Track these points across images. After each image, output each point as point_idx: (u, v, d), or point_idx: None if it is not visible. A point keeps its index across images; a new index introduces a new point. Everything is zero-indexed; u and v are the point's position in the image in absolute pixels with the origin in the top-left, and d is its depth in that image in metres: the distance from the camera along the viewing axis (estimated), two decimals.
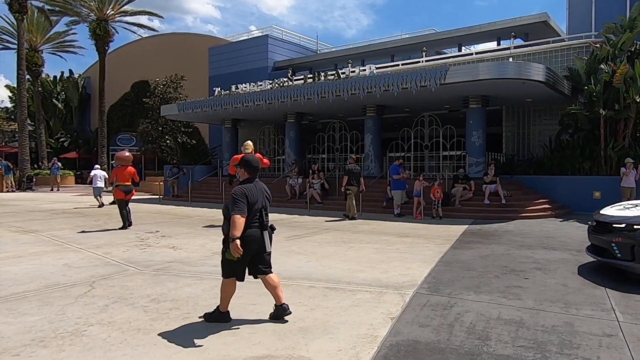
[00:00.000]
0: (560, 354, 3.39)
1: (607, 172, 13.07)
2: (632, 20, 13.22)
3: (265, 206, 4.04)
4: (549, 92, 13.42)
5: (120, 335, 3.74)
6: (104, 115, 29.03)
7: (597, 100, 13.17)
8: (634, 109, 12.87)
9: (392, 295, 4.89)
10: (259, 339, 3.66)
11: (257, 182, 4.08)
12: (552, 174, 13.80)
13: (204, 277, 5.68)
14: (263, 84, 17.76)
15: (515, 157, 15.92)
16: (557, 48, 15.82)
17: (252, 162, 4.07)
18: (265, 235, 3.98)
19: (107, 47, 29.12)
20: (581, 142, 14.00)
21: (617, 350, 3.48)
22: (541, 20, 19.51)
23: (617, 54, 13.25)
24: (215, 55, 27.17)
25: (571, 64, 14.84)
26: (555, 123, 15.33)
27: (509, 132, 16.80)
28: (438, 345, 3.56)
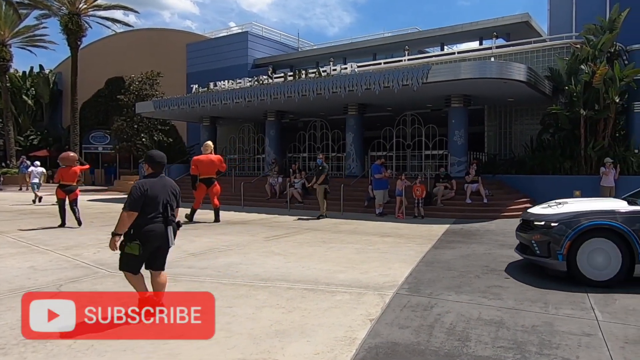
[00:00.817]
0: (540, 354, 3.42)
1: (587, 172, 13.36)
2: (612, 21, 13.53)
3: (170, 202, 4.07)
4: (531, 92, 13.65)
5: (86, 342, 3.61)
6: (76, 112, 28.39)
7: (577, 101, 13.44)
8: (613, 109, 13.18)
9: (372, 296, 4.87)
10: (234, 343, 3.59)
11: (163, 178, 4.14)
12: (534, 173, 14.04)
13: (178, 279, 5.56)
14: (242, 82, 17.59)
15: (497, 157, 16.15)
16: (538, 48, 16.09)
17: (156, 157, 4.14)
18: (170, 230, 4.00)
19: (79, 42, 28.47)
20: (562, 142, 14.27)
21: (596, 349, 3.52)
22: (523, 21, 19.85)
23: (597, 54, 13.54)
24: (193, 52, 26.86)
25: (552, 64, 15.11)
26: (536, 123, 15.60)
27: (491, 132, 17.02)
28: (418, 347, 3.55)
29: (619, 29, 13.39)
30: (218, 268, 6.18)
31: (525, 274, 5.83)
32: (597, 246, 5.33)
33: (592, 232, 5.34)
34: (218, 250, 7.49)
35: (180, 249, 7.66)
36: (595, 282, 5.26)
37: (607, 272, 5.26)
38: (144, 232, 3.85)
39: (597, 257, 5.31)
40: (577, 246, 5.34)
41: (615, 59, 13.76)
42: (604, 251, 5.29)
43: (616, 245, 5.25)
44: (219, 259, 6.82)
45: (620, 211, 5.46)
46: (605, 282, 5.23)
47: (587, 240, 5.34)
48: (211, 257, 6.98)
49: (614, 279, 5.24)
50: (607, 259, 5.27)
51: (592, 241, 5.34)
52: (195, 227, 10.47)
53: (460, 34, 21.83)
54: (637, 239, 5.19)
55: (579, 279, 5.32)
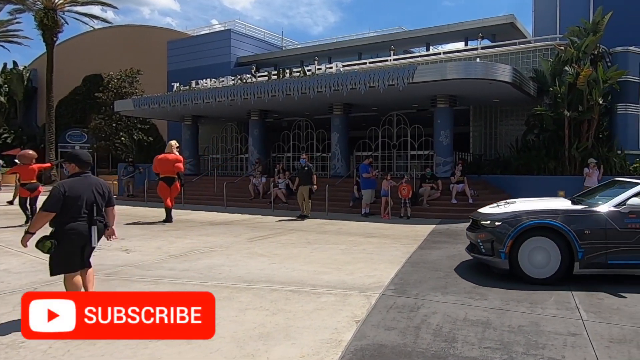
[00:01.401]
0: (526, 355, 3.45)
1: (571, 172, 13.61)
2: (596, 24, 13.80)
3: (97, 201, 4.14)
4: (516, 93, 13.84)
5: (63, 346, 3.54)
6: (52, 110, 27.84)
7: (561, 102, 13.68)
8: (596, 111, 13.45)
9: (358, 297, 4.87)
10: (217, 346, 3.54)
11: (88, 177, 4.21)
12: (519, 173, 14.24)
13: (158, 281, 5.48)
14: (225, 80, 17.45)
15: (483, 157, 16.34)
16: (523, 50, 16.33)
17: (82, 157, 4.24)
18: (93, 230, 4.08)
19: (55, 38, 27.93)
20: (546, 143, 14.51)
21: (582, 349, 3.57)
22: (508, 22, 20.14)
23: (581, 56, 13.80)
24: (174, 50, 26.57)
25: (537, 65, 15.36)
26: (521, 123, 15.82)
27: (476, 132, 17.22)
28: (404, 349, 3.55)
29: (603, 31, 13.68)
30: (200, 270, 6.11)
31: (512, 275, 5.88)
32: (537, 245, 5.50)
33: (532, 231, 5.52)
34: (200, 252, 7.40)
35: (161, 250, 7.56)
36: (536, 279, 5.44)
37: (546, 270, 5.45)
38: (66, 230, 3.95)
39: (538, 256, 5.48)
40: (519, 245, 5.51)
41: (599, 61, 14.04)
42: (544, 249, 5.47)
43: (555, 243, 5.43)
44: (201, 260, 6.74)
45: (561, 210, 5.67)
46: (545, 280, 5.41)
47: (528, 239, 5.52)
48: (193, 258, 6.89)
49: (553, 276, 5.42)
50: (547, 257, 5.46)
51: (532, 240, 5.52)
52: (176, 227, 10.34)
53: (446, 35, 22.05)
54: (576, 237, 5.37)
55: (520, 277, 5.49)
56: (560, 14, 18.86)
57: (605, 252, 5.37)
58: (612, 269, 5.42)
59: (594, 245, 5.37)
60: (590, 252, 5.37)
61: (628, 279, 5.48)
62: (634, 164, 13.47)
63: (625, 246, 5.34)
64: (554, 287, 5.24)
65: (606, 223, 5.39)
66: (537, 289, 5.18)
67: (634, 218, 5.36)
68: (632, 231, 5.33)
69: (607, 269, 5.42)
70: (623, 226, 5.35)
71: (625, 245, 5.34)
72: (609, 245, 5.36)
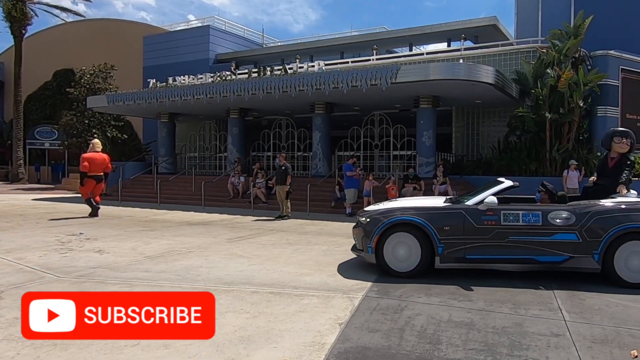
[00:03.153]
0: (510, 356, 3.49)
1: (552, 174, 13.89)
2: (577, 27, 14.14)
3: None
4: (498, 94, 14.08)
5: (32, 352, 3.43)
6: (20, 106, 27.16)
7: (543, 104, 13.97)
8: (577, 113, 13.78)
9: (341, 299, 4.86)
10: (196, 351, 3.48)
11: None
12: (500, 174, 14.35)
13: (133, 283, 5.37)
14: (204, 77, 17.30)
15: (465, 158, 16.57)
16: (505, 51, 16.63)
17: None
18: None
19: (24, 31, 27.27)
20: (528, 144, 14.79)
21: (565, 349, 3.63)
22: (491, 24, 20.49)
23: (562, 59, 14.12)
24: (150, 45, 26.20)
25: (519, 67, 15.66)
26: (503, 125, 16.10)
27: (458, 133, 17.45)
28: (389, 351, 3.55)
29: (584, 34, 14.02)
30: (177, 271, 6.01)
31: (494, 275, 5.97)
32: (400, 240, 5.91)
33: (396, 227, 5.93)
34: (177, 253, 7.29)
35: (136, 251, 7.42)
36: (399, 272, 5.85)
37: (408, 264, 5.86)
38: None
39: (400, 250, 5.90)
40: (384, 240, 5.92)
41: (580, 64, 14.39)
42: (406, 244, 5.88)
43: (416, 239, 5.83)
44: (178, 261, 6.64)
45: (426, 208, 6.13)
46: (408, 273, 5.81)
47: (392, 235, 5.93)
48: (169, 259, 6.78)
49: (414, 270, 5.82)
50: (409, 252, 5.86)
51: (396, 235, 5.93)
52: (152, 228, 10.17)
53: (429, 35, 22.30)
54: (436, 233, 5.76)
55: (386, 270, 5.91)
56: (542, 17, 19.27)
57: (464, 247, 5.77)
58: (470, 263, 5.85)
59: (453, 240, 5.78)
60: (449, 247, 5.77)
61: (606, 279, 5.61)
62: None
63: (482, 242, 5.74)
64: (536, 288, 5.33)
65: (464, 220, 5.80)
66: (520, 291, 5.26)
67: (491, 215, 5.76)
68: (488, 228, 5.74)
69: (465, 263, 5.84)
70: (480, 223, 5.76)
71: (482, 240, 5.74)
72: (467, 241, 5.77)
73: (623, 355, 3.53)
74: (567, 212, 5.68)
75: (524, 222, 5.70)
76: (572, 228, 5.58)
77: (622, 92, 14.87)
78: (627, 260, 5.46)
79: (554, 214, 5.68)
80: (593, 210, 5.65)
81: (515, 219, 5.72)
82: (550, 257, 5.64)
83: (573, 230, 5.58)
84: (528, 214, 5.73)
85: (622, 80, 14.82)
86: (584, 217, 5.59)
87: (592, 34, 14.81)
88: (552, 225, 5.63)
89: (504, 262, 5.79)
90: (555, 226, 5.62)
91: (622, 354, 3.54)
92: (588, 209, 5.70)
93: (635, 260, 5.43)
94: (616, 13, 17.04)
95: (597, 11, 14.89)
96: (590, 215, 5.60)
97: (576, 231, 5.57)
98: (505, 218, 5.74)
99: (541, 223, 5.65)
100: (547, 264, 5.68)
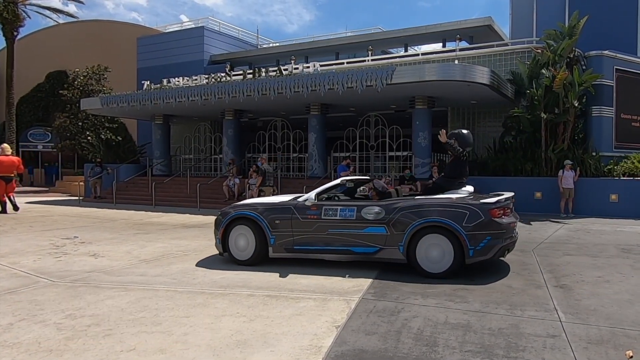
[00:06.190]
0: (507, 357, 3.52)
1: (547, 174, 13.98)
2: (572, 28, 14.22)
3: None
4: (493, 95, 14.15)
5: (27, 358, 3.42)
6: (12, 108, 27.04)
7: (538, 104, 14.05)
8: (572, 113, 13.87)
9: (337, 301, 4.87)
10: (192, 356, 3.49)
11: None
12: (496, 174, 14.56)
13: (129, 287, 5.37)
14: (198, 79, 17.28)
15: None
16: (500, 52, 16.71)
17: None
18: None
19: (16, 33, 27.14)
20: (523, 144, 14.87)
21: (561, 350, 3.66)
22: (486, 24, 20.57)
23: (557, 59, 14.20)
24: (144, 46, 26.15)
25: (514, 67, 15.74)
26: (499, 125, 16.18)
27: None
28: (385, 354, 3.57)
29: (579, 35, 14.10)
30: (173, 275, 6.01)
31: (490, 275, 6.00)
32: (241, 232, 6.66)
33: (237, 221, 6.70)
34: (172, 256, 7.29)
35: (131, 254, 7.41)
36: (240, 261, 6.60)
37: (247, 253, 6.60)
38: None
39: (241, 241, 6.64)
40: (228, 232, 6.72)
41: (575, 64, 14.47)
42: (245, 236, 6.63)
43: (252, 231, 6.58)
44: (174, 265, 6.64)
45: (265, 203, 6.86)
46: (246, 262, 6.56)
47: (234, 227, 6.70)
48: (165, 263, 6.78)
49: (250, 259, 6.55)
50: (247, 242, 6.62)
51: (237, 228, 6.69)
52: (147, 231, 10.16)
53: (424, 35, 22.37)
54: (269, 226, 6.49)
55: (231, 260, 6.67)
56: (537, 17, 19.39)
57: (292, 238, 6.46)
58: (298, 253, 6.50)
59: (282, 233, 6.48)
60: (280, 239, 6.49)
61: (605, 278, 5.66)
62: (608, 165, 13.94)
63: (306, 234, 6.41)
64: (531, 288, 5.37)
65: (292, 214, 6.48)
66: (516, 292, 5.29)
67: (314, 210, 6.41)
68: (311, 221, 6.39)
69: (294, 253, 6.51)
70: (305, 217, 6.42)
71: (307, 233, 6.40)
72: (294, 233, 6.45)
73: (618, 355, 3.56)
74: (378, 207, 6.19)
75: (341, 216, 6.29)
76: (382, 222, 6.10)
77: (617, 92, 14.97)
78: (427, 252, 5.91)
79: (367, 210, 6.20)
80: (400, 206, 6.11)
81: (334, 213, 6.33)
82: (364, 249, 6.22)
83: (382, 224, 6.09)
84: (345, 209, 6.33)
85: (616, 80, 14.92)
86: (392, 212, 6.08)
87: (587, 34, 14.92)
88: (365, 220, 6.17)
89: (326, 252, 6.42)
90: (367, 220, 6.16)
91: (617, 355, 3.57)
92: (396, 204, 6.17)
93: (435, 252, 5.87)
94: (611, 13, 17.18)
95: (591, 11, 15.00)
96: (397, 210, 6.07)
97: (385, 225, 6.08)
98: (326, 213, 6.36)
99: (355, 217, 6.21)
100: (362, 254, 6.25)
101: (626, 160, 14.00)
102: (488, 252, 5.81)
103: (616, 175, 13.50)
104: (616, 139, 15.01)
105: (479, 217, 5.77)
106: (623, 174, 13.51)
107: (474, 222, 5.75)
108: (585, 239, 9.28)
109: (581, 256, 7.44)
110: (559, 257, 7.39)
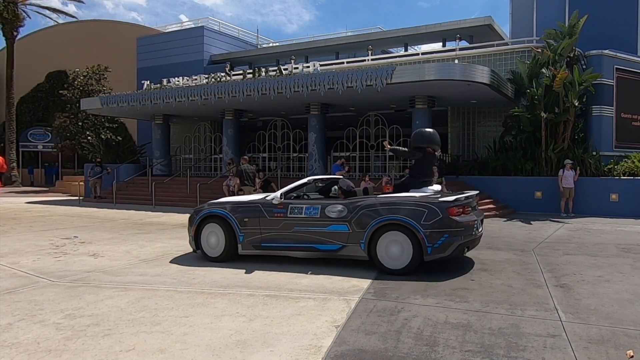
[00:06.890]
0: (507, 357, 3.50)
1: (547, 173, 13.98)
2: (572, 27, 14.22)
3: None
4: (493, 95, 14.13)
5: (26, 358, 3.41)
6: (12, 108, 27.07)
7: (538, 104, 14.04)
8: (572, 113, 13.86)
9: (337, 301, 4.86)
10: (191, 356, 3.48)
11: None
12: (496, 174, 14.55)
13: (129, 287, 5.36)
14: (198, 78, 17.27)
15: (460, 158, 16.62)
16: (500, 51, 16.70)
17: None
18: None
19: (16, 33, 27.19)
20: (523, 144, 14.87)
21: (561, 350, 3.65)
22: (486, 24, 20.57)
23: (557, 59, 14.19)
24: (144, 46, 26.16)
25: (514, 67, 15.73)
26: (499, 125, 16.17)
27: (454, 133, 17.50)
28: (385, 354, 3.56)
29: (578, 34, 14.10)
30: (173, 275, 6.00)
31: (490, 275, 5.99)
32: (212, 230, 6.85)
33: (209, 218, 6.88)
34: (172, 256, 7.27)
35: (131, 254, 7.41)
36: (211, 258, 6.77)
37: (217, 250, 6.78)
38: None
39: (212, 238, 6.84)
40: (201, 229, 6.92)
41: (575, 63, 14.47)
42: (215, 233, 6.82)
43: (222, 228, 6.75)
44: (174, 265, 6.63)
45: (235, 202, 7.01)
46: (216, 258, 6.73)
47: (206, 225, 6.88)
48: (164, 263, 6.77)
49: (221, 255, 6.72)
50: (217, 239, 6.80)
51: (208, 225, 6.87)
52: (147, 230, 10.15)
53: (424, 35, 22.36)
54: (238, 224, 6.67)
55: (204, 257, 6.85)
56: (537, 17, 19.36)
57: (260, 236, 6.63)
58: (266, 250, 6.67)
59: (251, 230, 6.65)
60: (249, 236, 6.66)
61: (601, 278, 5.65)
62: (608, 164, 13.93)
63: (273, 232, 6.56)
64: (531, 288, 5.36)
65: (260, 213, 6.63)
66: (516, 291, 5.28)
67: (281, 209, 6.56)
68: (278, 219, 6.54)
69: (261, 250, 6.68)
70: (272, 215, 6.57)
71: (274, 230, 6.56)
72: (262, 231, 6.61)
73: (619, 355, 3.55)
74: (341, 205, 6.31)
75: (306, 214, 6.41)
76: (344, 220, 6.21)
77: (617, 91, 14.97)
78: (387, 249, 6.00)
79: (330, 208, 6.33)
80: (362, 204, 6.21)
81: (300, 211, 6.46)
82: (327, 246, 6.34)
83: (345, 222, 6.21)
84: (310, 207, 6.45)
85: (616, 79, 14.91)
86: (354, 210, 6.18)
87: (587, 34, 14.90)
88: (328, 218, 6.29)
89: (292, 249, 6.59)
90: (330, 218, 6.28)
91: (617, 354, 3.56)
92: (358, 203, 6.26)
93: (394, 249, 5.97)
94: (611, 13, 17.15)
95: (591, 11, 15.00)
96: (359, 208, 6.17)
97: (347, 223, 6.20)
98: (292, 211, 6.49)
99: (319, 215, 6.34)
100: (326, 251, 6.39)
101: (626, 160, 13.99)
102: (446, 250, 5.88)
103: (616, 175, 13.49)
104: (616, 139, 15.00)
105: (437, 215, 5.84)
106: (623, 173, 13.50)
107: (432, 220, 5.83)
108: (585, 238, 9.27)
109: (581, 256, 7.44)
110: (559, 256, 7.38)
